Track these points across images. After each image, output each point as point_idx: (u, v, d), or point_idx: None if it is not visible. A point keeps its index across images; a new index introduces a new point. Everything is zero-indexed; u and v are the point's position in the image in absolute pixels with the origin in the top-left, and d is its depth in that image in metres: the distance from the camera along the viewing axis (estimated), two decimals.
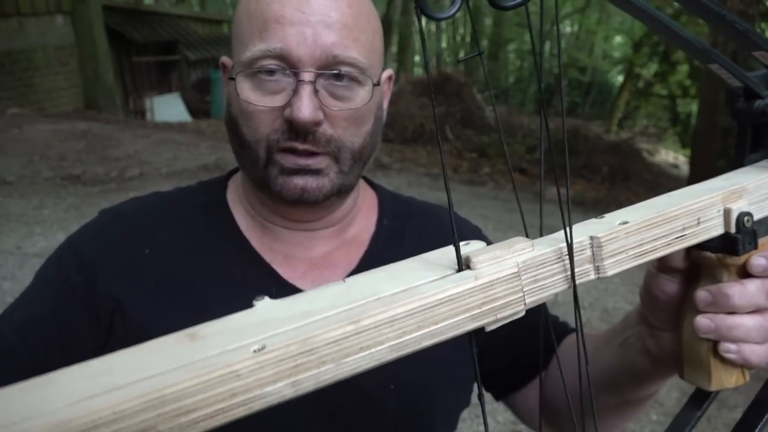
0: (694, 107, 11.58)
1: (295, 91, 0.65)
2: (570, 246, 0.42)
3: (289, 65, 0.65)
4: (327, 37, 0.65)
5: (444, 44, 20.19)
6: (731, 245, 0.49)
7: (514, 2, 0.37)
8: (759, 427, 0.51)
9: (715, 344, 0.52)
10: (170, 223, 0.76)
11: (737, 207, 0.48)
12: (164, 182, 6.34)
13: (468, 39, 20.52)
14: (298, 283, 0.74)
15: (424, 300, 0.36)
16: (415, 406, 0.73)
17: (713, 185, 0.51)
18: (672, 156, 13.53)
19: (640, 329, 0.64)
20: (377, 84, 0.71)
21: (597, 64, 16.53)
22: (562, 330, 0.88)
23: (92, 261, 0.72)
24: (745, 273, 0.51)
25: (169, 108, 11.99)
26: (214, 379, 0.29)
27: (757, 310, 0.51)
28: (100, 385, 0.29)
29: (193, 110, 12.31)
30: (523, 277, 0.40)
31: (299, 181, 0.68)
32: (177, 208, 0.78)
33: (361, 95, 0.69)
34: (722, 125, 7.97)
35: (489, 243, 0.86)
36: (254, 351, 0.31)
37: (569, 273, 0.42)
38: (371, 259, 0.77)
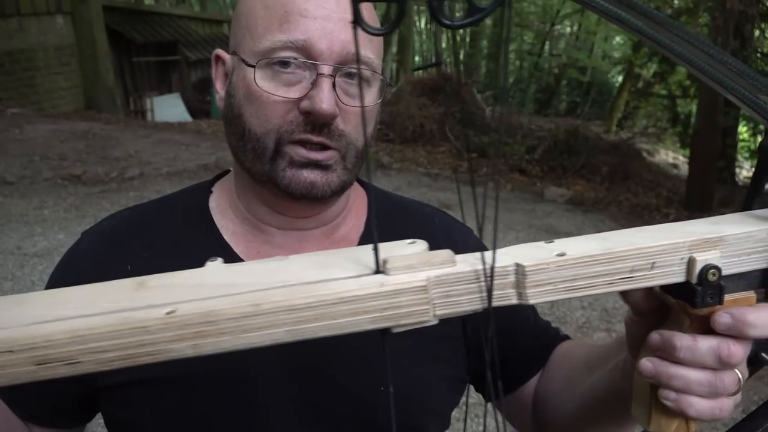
0: (693, 107, 11.59)
1: (315, 84, 0.65)
2: (492, 269, 0.42)
3: (309, 58, 0.65)
4: (347, 35, 0.66)
5: (444, 44, 20.17)
6: (690, 296, 0.47)
7: (464, 22, 0.37)
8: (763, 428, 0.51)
9: (658, 387, 0.51)
10: (150, 237, 0.76)
11: (704, 258, 0.46)
12: (164, 182, 6.35)
13: (468, 39, 20.51)
14: None
15: (326, 296, 0.39)
16: (407, 407, 0.73)
17: (692, 228, 0.48)
18: (672, 156, 13.53)
19: (626, 355, 0.63)
20: (390, 84, 0.72)
21: (597, 64, 16.52)
22: (552, 337, 0.87)
23: (77, 281, 0.72)
24: (708, 325, 0.49)
25: (169, 108, 11.98)
26: (129, 329, 0.36)
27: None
28: (51, 314, 0.37)
29: (193, 110, 12.31)
30: (432, 291, 0.42)
31: (309, 175, 0.68)
32: (157, 221, 0.78)
33: (371, 94, 0.71)
34: (722, 125, 7.97)
35: (479, 245, 0.86)
36: (166, 313, 0.37)
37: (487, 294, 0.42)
38: None
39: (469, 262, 0.43)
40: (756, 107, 0.45)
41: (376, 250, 0.42)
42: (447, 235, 0.85)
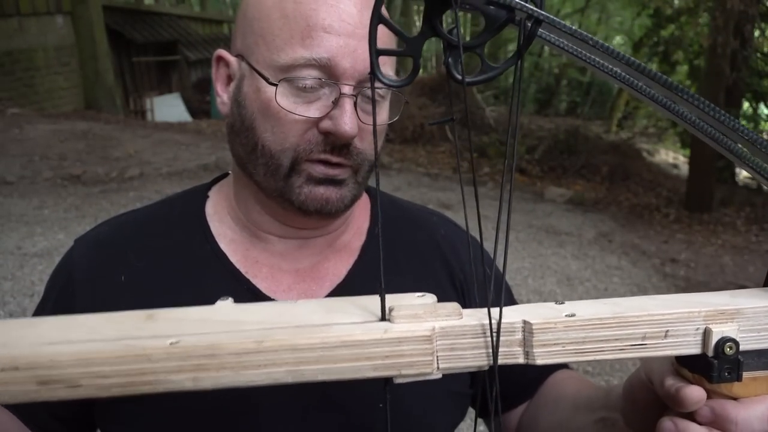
0: None
1: (337, 104, 0.63)
2: (498, 325, 0.41)
3: (332, 76, 0.63)
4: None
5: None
6: (706, 370, 0.44)
7: (478, 78, 0.39)
8: None
9: None
10: (145, 246, 0.74)
11: (721, 330, 0.44)
12: (164, 182, 6.35)
13: (467, 39, 20.47)
14: (280, 298, 0.72)
15: (328, 338, 0.39)
16: (411, 423, 0.72)
17: (709, 299, 0.46)
18: (672, 156, 13.52)
19: (617, 417, 0.59)
20: (407, 102, 0.71)
21: None
22: (547, 366, 0.86)
23: (71, 291, 0.72)
24: None
25: (169, 108, 11.98)
26: (132, 356, 0.37)
27: None
28: (59, 337, 0.38)
29: (193, 110, 12.30)
30: (437, 342, 0.41)
31: (324, 192, 0.66)
32: (151, 229, 0.76)
33: (385, 110, 0.69)
34: None
35: (487, 260, 0.84)
36: (170, 343, 0.38)
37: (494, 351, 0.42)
38: (361, 272, 0.75)
39: (476, 316, 0.43)
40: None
41: (382, 298, 0.42)
42: (451, 247, 0.82)
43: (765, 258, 6.11)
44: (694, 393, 0.45)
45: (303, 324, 0.40)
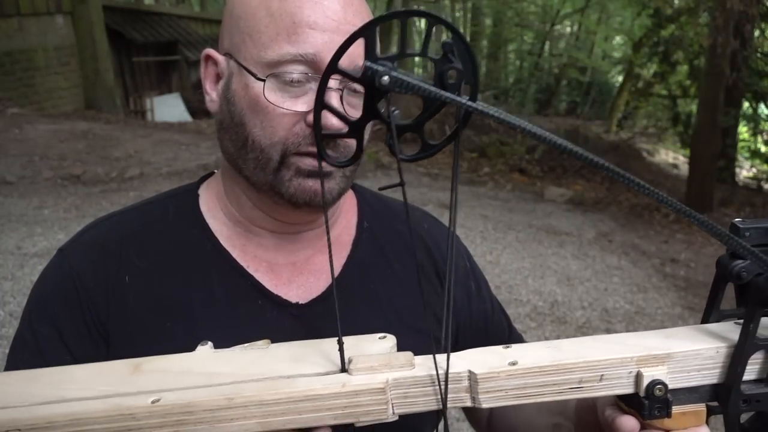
0: (694, 107, 11.59)
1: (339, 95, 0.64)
2: (446, 376, 0.45)
3: (317, 71, 0.64)
4: (355, 48, 0.65)
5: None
6: (639, 408, 0.49)
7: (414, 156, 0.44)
8: None
9: None
10: (145, 246, 0.74)
11: (651, 374, 0.48)
12: (164, 182, 6.34)
13: (468, 38, 20.44)
14: (282, 292, 0.74)
15: (292, 393, 0.43)
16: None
17: (644, 342, 0.50)
18: (672, 156, 13.52)
19: (570, 426, 0.64)
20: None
21: (597, 64, 16.51)
22: None
23: (86, 302, 0.71)
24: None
25: (169, 108, 11.98)
26: (119, 415, 0.41)
27: None
28: (55, 395, 0.43)
29: (193, 110, 12.30)
30: (391, 393, 0.45)
31: (313, 185, 0.67)
32: (150, 228, 0.76)
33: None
34: (722, 125, 7.96)
35: (465, 253, 0.89)
36: (152, 401, 0.42)
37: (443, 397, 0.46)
38: (354, 267, 0.78)
39: (426, 366, 0.47)
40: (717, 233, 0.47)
41: (341, 350, 0.46)
42: (433, 240, 0.86)
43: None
44: (628, 423, 0.51)
45: (271, 376, 0.45)
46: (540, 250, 5.45)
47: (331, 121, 0.63)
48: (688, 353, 0.49)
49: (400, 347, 0.67)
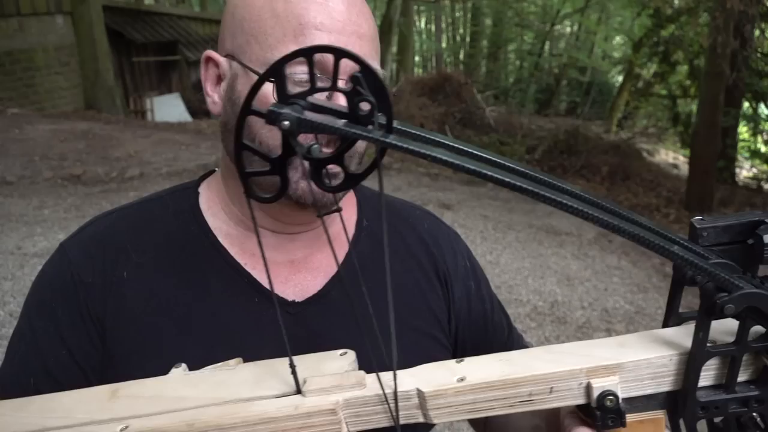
0: (694, 107, 11.59)
1: (331, 99, 0.64)
2: (395, 394, 0.46)
3: (324, 72, 0.64)
4: (360, 48, 0.66)
5: (444, 44, 20.19)
6: (593, 418, 0.49)
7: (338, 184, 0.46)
8: None
9: None
10: (143, 243, 0.75)
11: (601, 385, 0.48)
12: (164, 182, 6.34)
13: (468, 39, 20.49)
14: (279, 290, 0.74)
15: (248, 417, 0.46)
16: None
17: (596, 351, 0.50)
18: (672, 156, 13.52)
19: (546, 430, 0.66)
20: (394, 94, 0.73)
21: (597, 64, 16.51)
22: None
23: (83, 297, 0.72)
24: None
25: (169, 108, 11.98)
26: None
27: None
28: (39, 423, 0.47)
29: (193, 110, 12.30)
30: (342, 413, 0.47)
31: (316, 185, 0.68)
32: (149, 225, 0.76)
33: None
34: (722, 125, 7.96)
35: (466, 249, 0.89)
36: (120, 430, 0.46)
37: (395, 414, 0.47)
38: (352, 264, 0.77)
39: (377, 386, 0.47)
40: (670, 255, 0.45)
41: (294, 373, 0.47)
42: (433, 239, 0.86)
43: None
44: None
45: (231, 399, 0.47)
46: (540, 250, 5.45)
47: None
48: (639, 362, 0.48)
49: (399, 346, 0.67)
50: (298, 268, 0.77)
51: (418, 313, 0.80)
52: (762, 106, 11.28)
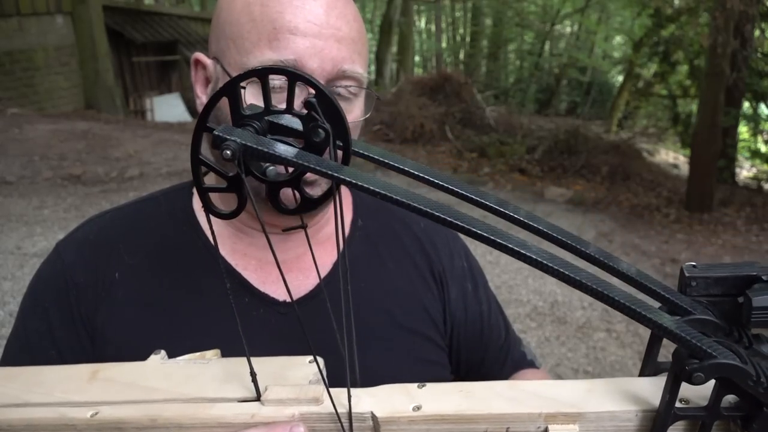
0: (694, 107, 11.58)
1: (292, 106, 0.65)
2: (350, 415, 0.46)
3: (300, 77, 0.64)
4: (338, 52, 0.65)
5: (444, 44, 20.18)
6: None
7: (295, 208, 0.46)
8: None
9: None
10: (135, 243, 0.75)
11: (558, 430, 0.45)
12: (164, 182, 6.34)
13: (468, 38, 20.49)
14: (270, 290, 0.74)
15: (207, 420, 0.47)
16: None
17: (561, 393, 0.47)
18: (672, 156, 13.51)
19: None
20: (378, 98, 0.72)
21: (597, 64, 16.50)
22: (518, 361, 0.89)
23: (74, 297, 0.72)
24: None
25: (169, 108, 11.98)
26: (62, 424, 0.48)
27: None
28: (21, 398, 0.50)
29: (193, 110, 12.30)
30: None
31: (306, 189, 0.67)
32: (142, 225, 0.77)
33: (358, 107, 0.70)
34: (722, 125, 7.96)
35: (464, 248, 0.89)
36: (90, 415, 0.48)
37: None
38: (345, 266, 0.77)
39: (335, 403, 0.47)
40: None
41: (254, 380, 0.48)
42: (429, 239, 0.86)
43: (766, 257, 6.10)
44: None
45: (196, 397, 0.49)
46: None
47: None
48: (602, 414, 0.45)
49: (397, 346, 0.66)
50: (290, 267, 0.76)
51: (413, 314, 0.79)
52: (762, 106, 11.27)
